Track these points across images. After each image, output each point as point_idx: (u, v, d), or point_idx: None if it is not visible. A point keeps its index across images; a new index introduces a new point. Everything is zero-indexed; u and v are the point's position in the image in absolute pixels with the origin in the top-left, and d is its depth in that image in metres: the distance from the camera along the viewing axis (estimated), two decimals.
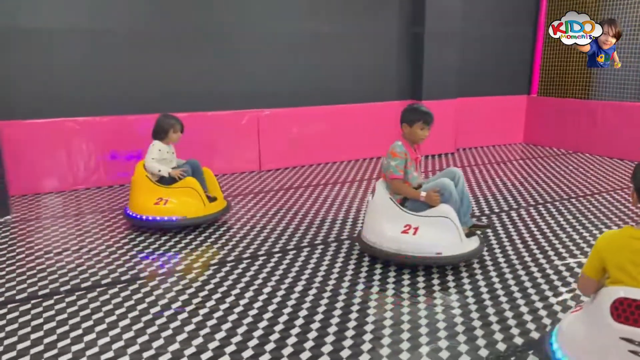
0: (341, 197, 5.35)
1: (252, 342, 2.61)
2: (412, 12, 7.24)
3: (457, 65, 7.47)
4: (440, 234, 3.36)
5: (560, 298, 3.06)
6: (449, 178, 3.63)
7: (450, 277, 3.36)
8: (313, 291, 3.17)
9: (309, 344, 2.58)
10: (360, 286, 3.25)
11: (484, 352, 2.51)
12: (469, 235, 3.52)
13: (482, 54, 7.95)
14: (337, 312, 2.90)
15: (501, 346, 2.56)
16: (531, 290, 3.16)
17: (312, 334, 2.68)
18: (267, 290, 3.20)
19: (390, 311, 2.92)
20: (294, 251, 3.86)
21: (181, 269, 3.56)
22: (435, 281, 3.31)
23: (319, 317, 2.86)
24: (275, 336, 2.66)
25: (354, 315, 2.87)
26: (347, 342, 2.60)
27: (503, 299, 3.06)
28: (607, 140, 7.25)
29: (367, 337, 2.65)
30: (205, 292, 3.17)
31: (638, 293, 1.88)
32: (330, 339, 2.64)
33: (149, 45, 5.82)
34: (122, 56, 5.71)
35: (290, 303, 3.02)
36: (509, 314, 2.88)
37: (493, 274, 3.41)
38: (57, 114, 5.50)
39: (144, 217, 4.19)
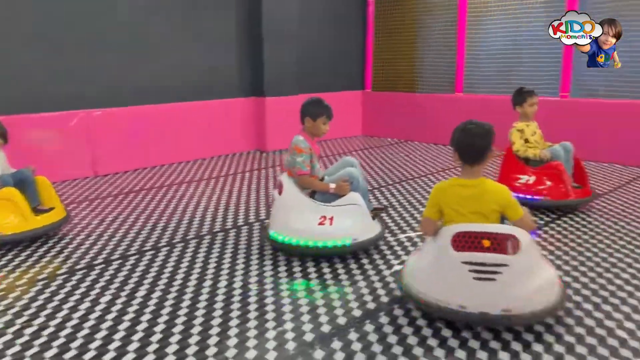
0: (187, 198, 5.21)
1: (88, 355, 2.42)
2: (250, 12, 7.33)
3: (296, 63, 7.74)
4: (354, 221, 3.47)
5: (392, 270, 3.33)
6: (348, 166, 3.75)
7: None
8: (174, 291, 3.05)
9: (152, 347, 2.48)
10: (238, 277, 3.20)
11: (326, 328, 2.64)
12: (373, 218, 3.69)
13: (319, 52, 8.34)
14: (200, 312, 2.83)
15: (342, 320, 2.72)
16: (368, 267, 3.40)
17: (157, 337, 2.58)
18: (107, 298, 2.99)
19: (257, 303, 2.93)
20: (136, 256, 3.66)
21: (1, 288, 3.16)
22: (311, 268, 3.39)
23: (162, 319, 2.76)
24: (115, 344, 2.51)
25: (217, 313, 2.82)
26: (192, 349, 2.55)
27: (344, 277, 3.25)
28: (431, 128, 8.07)
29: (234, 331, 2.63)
30: (33, 310, 2.86)
31: (468, 227, 2.52)
32: (173, 347, 2.56)
33: None
34: None
35: (132, 309, 2.87)
36: (348, 289, 3.06)
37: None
38: None
39: None
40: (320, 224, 3.42)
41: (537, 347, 2.42)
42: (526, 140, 4.55)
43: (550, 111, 6.59)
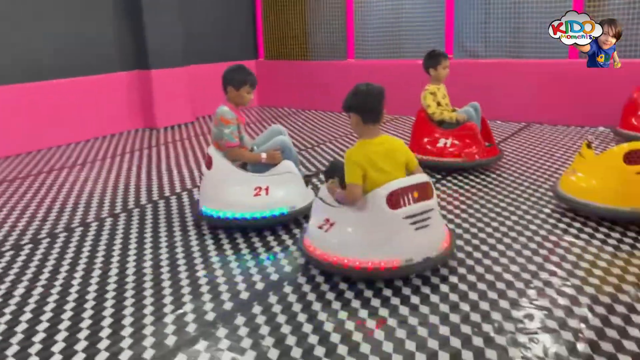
0: (71, 183, 4.79)
1: None
2: None
3: (182, 32, 7.33)
4: (290, 189, 3.42)
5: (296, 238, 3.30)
6: (277, 134, 3.63)
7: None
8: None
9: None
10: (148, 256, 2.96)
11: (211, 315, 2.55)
12: (306, 185, 3.59)
13: (206, 20, 7.95)
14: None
15: (245, 294, 2.64)
16: (270, 237, 3.34)
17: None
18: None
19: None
20: (30, 245, 3.30)
21: None
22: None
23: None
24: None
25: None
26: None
27: (246, 251, 3.16)
28: (327, 96, 8.09)
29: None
30: None
31: (397, 184, 2.60)
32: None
33: None
34: None
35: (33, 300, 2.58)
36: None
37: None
38: None
39: None
40: (256, 194, 3.34)
41: (434, 298, 2.52)
42: (438, 104, 4.59)
43: None
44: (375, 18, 7.65)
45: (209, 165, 3.46)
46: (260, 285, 2.72)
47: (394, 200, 2.58)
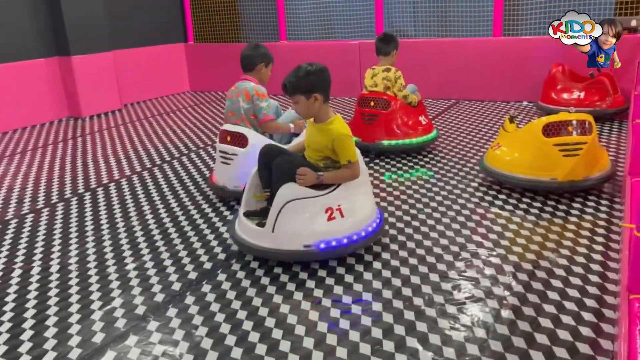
0: None
1: None
2: None
3: (104, 15, 6.95)
4: None
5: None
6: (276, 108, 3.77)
7: None
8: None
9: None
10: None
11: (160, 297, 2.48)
12: None
13: (130, 2, 7.58)
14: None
15: (177, 285, 2.57)
16: (203, 226, 3.27)
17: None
18: None
19: None
20: None
21: None
22: None
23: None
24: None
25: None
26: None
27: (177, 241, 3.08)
28: None
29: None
30: None
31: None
32: None
33: None
34: None
35: None
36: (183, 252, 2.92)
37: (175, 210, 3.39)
38: None
39: None
40: None
41: (367, 276, 2.55)
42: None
43: (368, 53, 6.93)
44: None
45: (242, 143, 3.37)
46: (193, 275, 2.66)
47: None
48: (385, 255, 2.74)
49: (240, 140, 3.41)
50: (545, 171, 3.32)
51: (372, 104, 4.37)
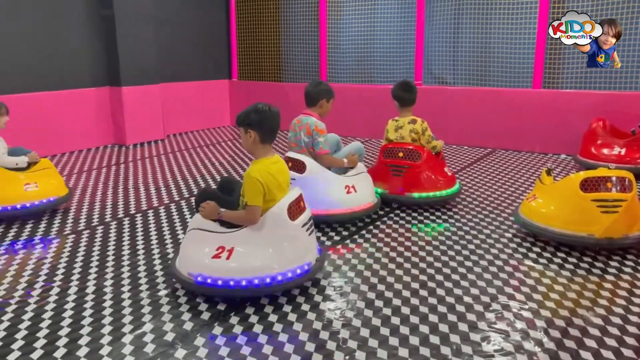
0: None
1: None
2: None
3: (156, 49, 7.32)
4: (368, 186, 3.98)
5: None
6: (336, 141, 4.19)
7: None
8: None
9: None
10: None
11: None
12: None
13: (181, 39, 7.96)
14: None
15: (206, 315, 2.61)
16: None
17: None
18: None
19: None
20: None
21: None
22: None
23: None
24: None
25: None
26: None
27: None
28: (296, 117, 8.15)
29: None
30: None
31: (291, 197, 2.80)
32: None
33: None
34: None
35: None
36: None
37: None
38: None
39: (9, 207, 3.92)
40: (348, 192, 3.80)
41: (395, 320, 2.53)
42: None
43: None
44: (347, 42, 7.79)
45: (301, 170, 3.76)
46: (222, 306, 2.70)
47: (293, 211, 2.79)
48: (414, 301, 2.72)
49: (299, 167, 3.79)
50: (582, 226, 3.27)
51: (400, 154, 4.21)
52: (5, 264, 3.26)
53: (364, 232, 3.75)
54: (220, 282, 2.66)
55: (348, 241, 3.59)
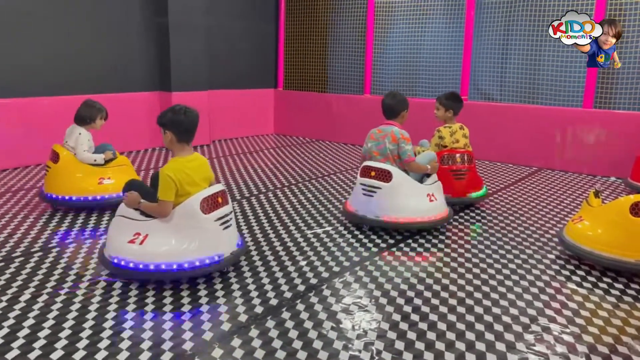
0: None
1: None
2: (155, 1, 7.03)
3: (205, 57, 7.54)
4: (442, 194, 4.07)
5: (298, 266, 3.33)
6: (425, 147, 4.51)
7: None
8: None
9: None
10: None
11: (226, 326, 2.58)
12: None
13: (229, 47, 8.18)
14: None
15: (243, 317, 2.67)
16: (285, 258, 3.38)
17: None
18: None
19: None
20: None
21: None
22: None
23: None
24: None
25: None
26: None
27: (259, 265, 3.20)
28: (341, 128, 8.21)
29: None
30: None
31: (206, 192, 3.01)
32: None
33: None
34: None
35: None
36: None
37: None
38: None
39: (82, 198, 4.24)
40: (430, 200, 3.90)
41: (431, 335, 2.51)
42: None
43: None
44: (393, 56, 7.81)
45: (386, 179, 3.86)
46: (259, 309, 2.75)
47: (207, 205, 2.98)
48: (452, 317, 2.69)
49: (385, 176, 3.87)
50: (631, 252, 3.15)
51: (459, 160, 4.59)
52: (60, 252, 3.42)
53: (402, 244, 3.74)
54: (131, 265, 2.90)
55: (388, 252, 3.58)
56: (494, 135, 6.78)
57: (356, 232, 3.99)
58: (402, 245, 3.74)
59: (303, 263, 3.38)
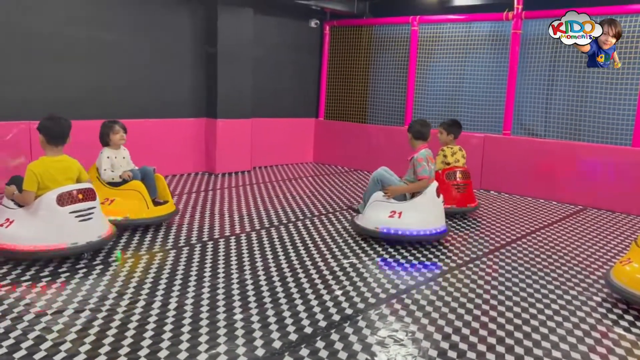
0: None
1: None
2: (206, 31, 7.32)
3: (251, 86, 7.75)
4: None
5: (333, 295, 3.32)
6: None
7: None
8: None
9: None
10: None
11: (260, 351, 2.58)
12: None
13: (274, 78, 8.38)
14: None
15: (277, 343, 2.67)
16: (320, 286, 3.38)
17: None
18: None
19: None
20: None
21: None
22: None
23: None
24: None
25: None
26: None
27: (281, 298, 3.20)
28: (378, 158, 8.19)
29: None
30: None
31: (63, 189, 3.57)
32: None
33: None
34: None
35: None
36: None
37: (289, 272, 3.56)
38: None
39: None
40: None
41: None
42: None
43: (494, 146, 6.91)
44: (435, 89, 7.82)
45: (438, 194, 4.54)
46: (293, 336, 2.74)
47: (63, 199, 3.55)
48: (490, 356, 2.61)
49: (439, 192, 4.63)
50: None
51: (460, 175, 5.46)
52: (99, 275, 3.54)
53: (440, 279, 3.67)
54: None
55: (425, 286, 3.52)
56: (536, 170, 6.63)
57: (393, 264, 3.95)
58: (440, 279, 3.68)
59: (339, 292, 3.37)
